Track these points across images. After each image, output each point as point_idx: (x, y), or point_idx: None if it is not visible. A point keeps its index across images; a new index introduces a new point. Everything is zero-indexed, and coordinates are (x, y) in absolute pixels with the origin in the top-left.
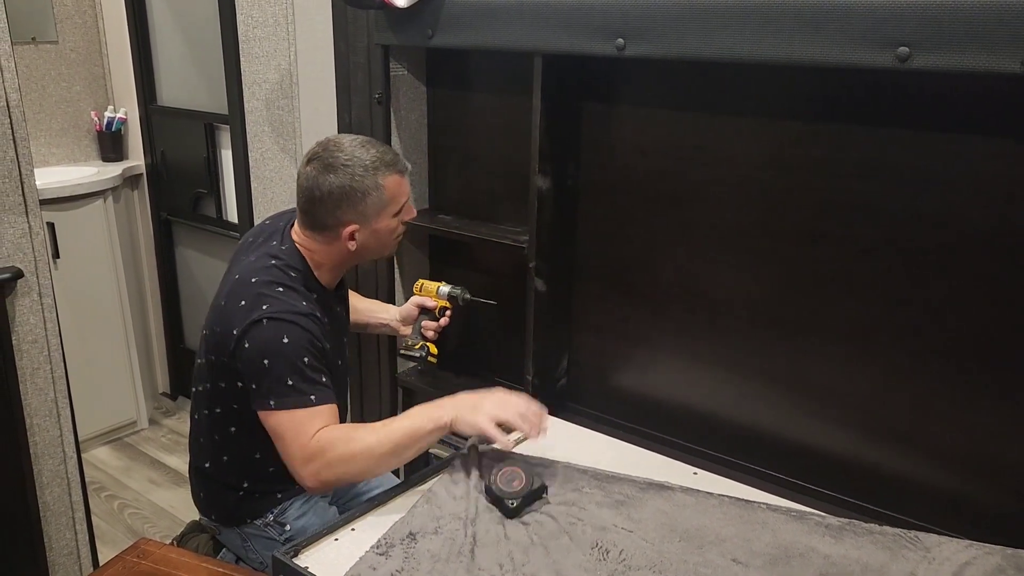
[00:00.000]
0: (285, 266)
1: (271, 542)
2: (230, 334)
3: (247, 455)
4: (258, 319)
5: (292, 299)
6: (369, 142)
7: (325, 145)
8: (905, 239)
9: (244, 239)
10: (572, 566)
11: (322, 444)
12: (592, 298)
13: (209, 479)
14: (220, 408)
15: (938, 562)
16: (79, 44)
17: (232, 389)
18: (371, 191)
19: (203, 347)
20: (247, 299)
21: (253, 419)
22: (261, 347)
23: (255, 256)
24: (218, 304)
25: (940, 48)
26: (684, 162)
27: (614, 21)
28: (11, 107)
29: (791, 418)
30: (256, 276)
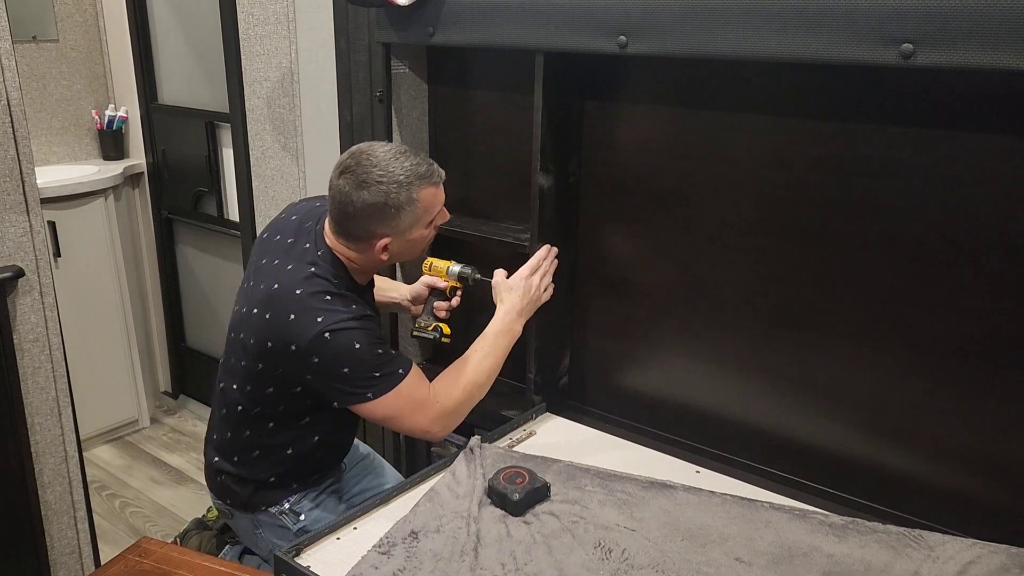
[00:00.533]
0: (326, 273)
1: (283, 530)
2: (289, 350)
3: (279, 451)
4: (319, 333)
5: (343, 306)
6: (402, 153)
7: (358, 158)
8: (910, 236)
9: (271, 233)
10: (575, 565)
11: (441, 401)
12: (594, 296)
13: (233, 471)
14: (260, 408)
15: (942, 561)
16: (80, 42)
17: (284, 394)
18: (405, 206)
19: (237, 350)
20: (296, 313)
21: (292, 417)
22: (336, 359)
23: (291, 264)
24: (256, 314)
25: (944, 45)
26: (686, 160)
27: (616, 18)
28: (12, 105)
29: (794, 416)
30: (300, 288)
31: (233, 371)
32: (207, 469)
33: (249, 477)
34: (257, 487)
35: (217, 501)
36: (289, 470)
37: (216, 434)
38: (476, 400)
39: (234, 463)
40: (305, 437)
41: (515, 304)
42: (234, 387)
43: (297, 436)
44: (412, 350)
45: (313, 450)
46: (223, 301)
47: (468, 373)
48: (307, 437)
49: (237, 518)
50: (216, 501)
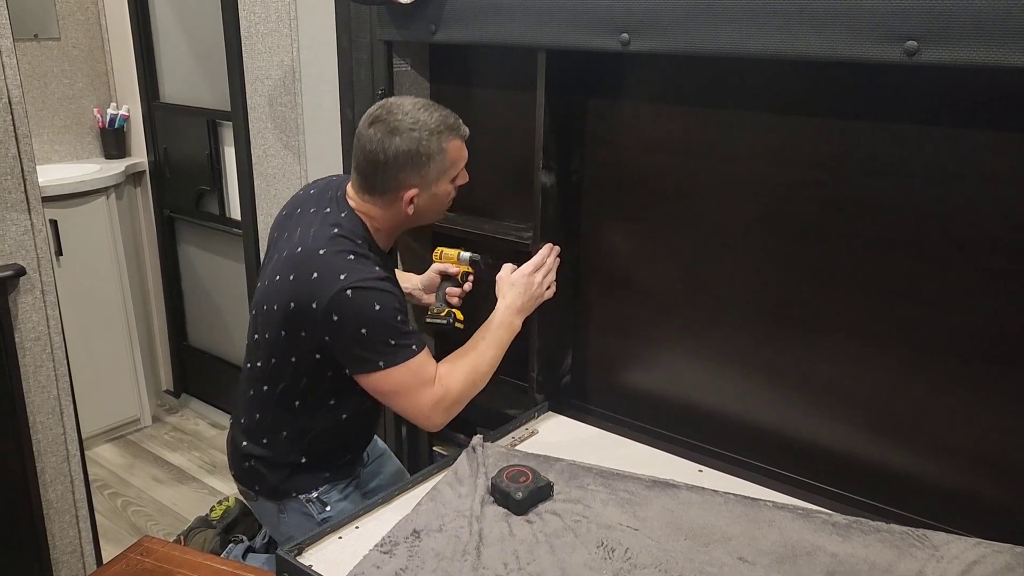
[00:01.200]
0: (350, 233)
1: (308, 518)
2: (310, 308)
3: (308, 430)
4: (341, 290)
5: (366, 266)
6: (431, 105)
7: (388, 108)
8: (913, 235)
9: (289, 210)
10: (577, 564)
11: (445, 383)
12: (596, 295)
13: (261, 457)
14: (284, 383)
15: (946, 560)
16: (81, 41)
17: (306, 363)
18: (435, 155)
19: (260, 324)
20: (319, 271)
21: (317, 393)
22: (354, 317)
23: (313, 227)
24: (279, 280)
25: (948, 42)
26: (689, 158)
27: (618, 16)
28: (13, 104)
29: (797, 415)
30: (323, 247)
31: (257, 348)
32: (233, 456)
33: (281, 460)
34: (290, 472)
35: (243, 488)
36: (319, 452)
37: (244, 417)
38: (476, 389)
39: (264, 445)
40: (332, 417)
41: (515, 300)
42: (258, 364)
43: (324, 416)
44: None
45: (341, 430)
46: (225, 299)
47: (469, 361)
48: (334, 417)
49: (262, 503)
50: (241, 488)
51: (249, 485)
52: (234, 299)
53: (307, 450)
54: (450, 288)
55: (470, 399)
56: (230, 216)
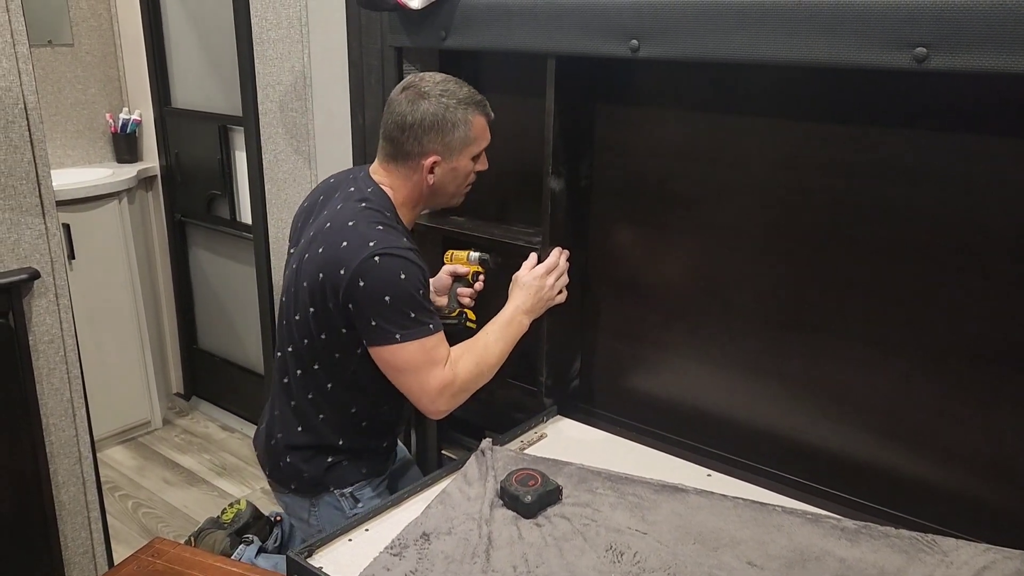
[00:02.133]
0: (378, 206)
1: (339, 513)
2: (338, 275)
3: (344, 410)
4: (369, 256)
5: (394, 236)
6: (461, 81)
7: (420, 76)
8: (924, 241)
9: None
10: (586, 568)
11: (454, 368)
12: (605, 300)
13: (300, 447)
14: (318, 364)
15: (956, 566)
16: (95, 47)
17: (335, 338)
18: (460, 124)
19: (290, 307)
20: (348, 240)
21: (350, 371)
22: (380, 283)
23: (340, 204)
24: (308, 258)
25: (958, 49)
26: (698, 163)
27: (628, 22)
28: (28, 109)
29: (807, 420)
30: (352, 219)
31: (290, 330)
32: (267, 456)
33: (319, 445)
34: (330, 465)
35: (277, 485)
36: (356, 434)
37: (277, 410)
38: (483, 380)
39: (299, 433)
40: (365, 397)
41: (524, 301)
42: (290, 349)
43: (356, 394)
44: None
45: (373, 407)
46: (235, 303)
47: (478, 351)
48: (366, 397)
49: (292, 497)
50: (275, 485)
51: (286, 483)
52: (244, 303)
53: (344, 431)
54: (461, 288)
55: (475, 389)
56: (241, 220)
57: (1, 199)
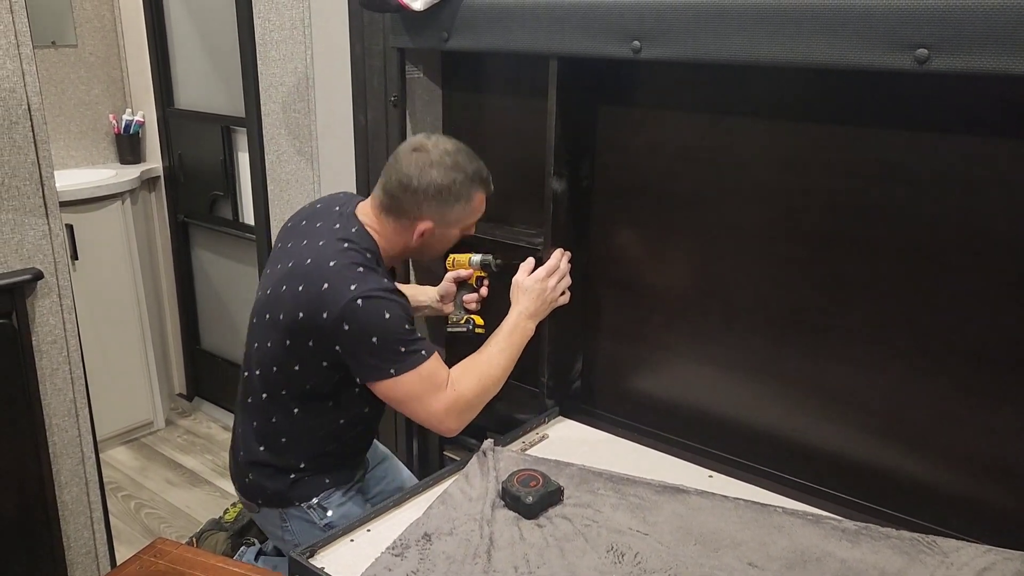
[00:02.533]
0: (360, 248)
1: (310, 525)
2: (320, 317)
3: (309, 435)
4: (352, 299)
5: (375, 278)
6: (472, 154)
7: (434, 142)
8: (924, 241)
9: (295, 222)
10: (587, 568)
11: (458, 389)
12: (607, 301)
13: (262, 464)
14: (286, 391)
15: (956, 567)
16: (98, 48)
17: (311, 370)
18: (462, 199)
19: (261, 333)
20: (329, 282)
21: (317, 399)
22: (366, 326)
23: (322, 240)
24: (286, 290)
25: (959, 50)
26: (700, 164)
27: (630, 23)
28: (32, 110)
29: (807, 421)
30: (334, 260)
31: (259, 356)
32: (235, 471)
33: (282, 466)
34: (292, 481)
35: (246, 501)
36: (318, 457)
37: (242, 427)
38: (490, 394)
39: (261, 452)
40: (330, 421)
41: (528, 306)
42: (258, 373)
43: (323, 420)
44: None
45: (340, 434)
46: (238, 304)
47: (483, 365)
48: (332, 421)
49: (264, 513)
50: (245, 501)
51: (252, 498)
52: (247, 303)
53: (306, 455)
54: (467, 295)
55: (484, 404)
56: (243, 221)
57: (5, 200)
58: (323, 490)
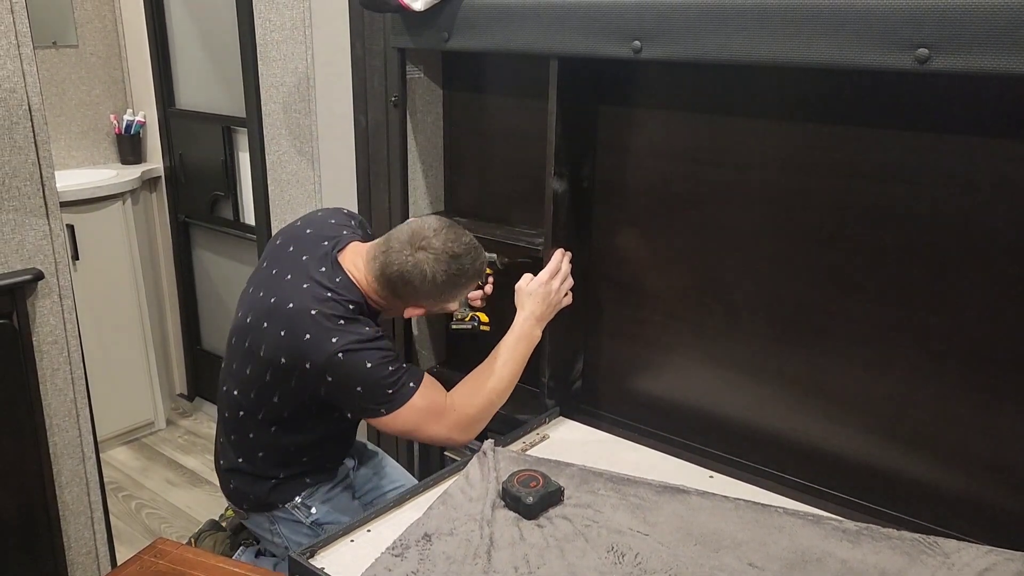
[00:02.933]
0: (342, 300)
1: (297, 524)
2: (303, 367)
3: (284, 449)
4: (333, 354)
5: (356, 329)
6: (476, 247)
7: (443, 239)
8: (925, 242)
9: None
10: (588, 569)
11: (460, 409)
12: (607, 301)
13: (241, 473)
14: (263, 414)
15: (957, 568)
16: (99, 48)
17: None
18: (457, 295)
19: (240, 357)
20: (311, 333)
21: (295, 420)
22: (348, 378)
23: (306, 283)
24: (267, 328)
25: (960, 50)
26: (700, 165)
27: (630, 23)
28: (33, 110)
29: (808, 422)
30: (314, 308)
31: (237, 377)
32: (218, 475)
33: (260, 475)
34: (272, 486)
35: (234, 507)
36: (297, 465)
37: (222, 437)
38: (497, 407)
39: (239, 464)
40: (309, 436)
41: (534, 309)
42: (235, 392)
43: (300, 437)
44: (425, 353)
45: (318, 447)
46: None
47: (488, 380)
48: (311, 436)
49: (253, 517)
50: (233, 507)
51: (238, 504)
52: None
53: (284, 466)
54: (471, 292)
55: (493, 413)
56: (244, 221)
57: (5, 200)
58: (304, 488)
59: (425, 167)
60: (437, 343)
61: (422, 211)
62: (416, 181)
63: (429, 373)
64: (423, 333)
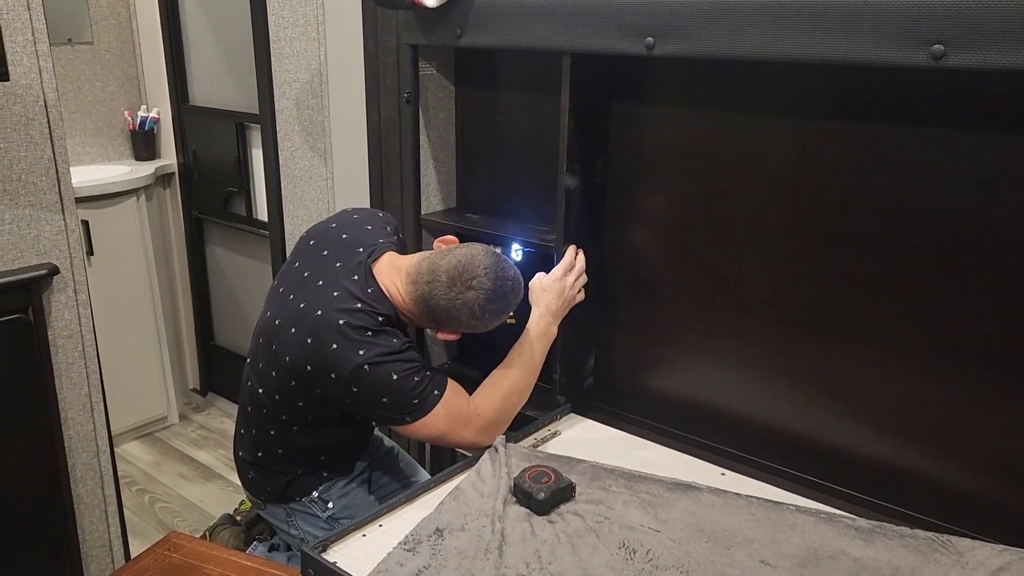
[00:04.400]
0: (371, 311)
1: (314, 518)
2: (329, 377)
3: (303, 448)
4: (359, 366)
5: (384, 340)
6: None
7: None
8: (937, 239)
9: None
10: (599, 565)
11: (483, 414)
12: (619, 297)
13: (260, 466)
14: (286, 416)
15: (971, 567)
16: (113, 45)
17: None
18: (497, 322)
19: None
20: (339, 344)
21: (317, 424)
22: (374, 390)
23: (337, 291)
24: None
25: (976, 46)
26: (713, 161)
27: (643, 20)
28: (49, 107)
29: (820, 419)
30: (343, 319)
31: (262, 376)
32: (237, 465)
33: (278, 469)
34: (290, 480)
35: (250, 496)
36: (315, 462)
37: (243, 429)
38: (518, 407)
39: (259, 458)
40: (328, 437)
41: (550, 305)
42: (260, 391)
43: (321, 439)
44: (437, 349)
45: (337, 448)
46: (251, 300)
47: (507, 382)
48: (330, 437)
49: (270, 509)
50: (251, 498)
51: (256, 495)
52: (260, 299)
53: (303, 463)
54: None
55: (516, 412)
56: (257, 217)
57: (22, 195)
58: (322, 483)
59: (437, 163)
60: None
61: (434, 207)
62: (428, 177)
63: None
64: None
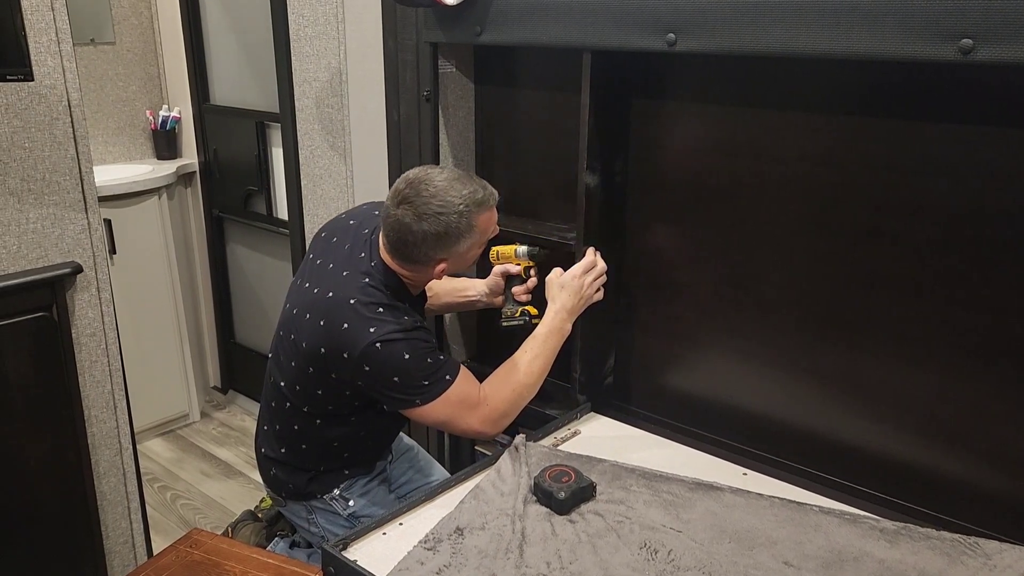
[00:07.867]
0: (380, 284)
1: (334, 516)
2: (341, 357)
3: (327, 443)
4: (371, 344)
5: (395, 317)
6: (458, 179)
7: (416, 188)
8: (963, 237)
9: (328, 233)
10: (620, 565)
11: (491, 403)
12: (640, 296)
13: (282, 462)
14: (309, 407)
15: (999, 570)
16: (135, 45)
17: (332, 396)
18: (464, 232)
19: (286, 349)
20: (349, 322)
21: (339, 415)
22: (386, 368)
23: (347, 271)
24: (309, 319)
25: (1005, 40)
26: (735, 159)
27: (665, 16)
28: (72, 106)
29: (844, 419)
30: (354, 297)
31: (283, 368)
32: (259, 462)
33: (300, 466)
34: (311, 477)
35: (272, 494)
36: (338, 458)
37: (266, 425)
38: (526, 400)
39: (282, 454)
40: (352, 432)
41: (566, 302)
42: (282, 384)
43: (344, 432)
44: (456, 348)
45: (360, 443)
46: (271, 298)
47: (518, 374)
48: (354, 432)
49: (290, 506)
50: (271, 493)
51: (277, 491)
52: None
53: (326, 459)
54: (516, 287)
55: (522, 407)
56: (277, 216)
57: (46, 194)
58: (343, 480)
59: (456, 161)
60: (468, 337)
61: None
62: None
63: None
64: (454, 327)
